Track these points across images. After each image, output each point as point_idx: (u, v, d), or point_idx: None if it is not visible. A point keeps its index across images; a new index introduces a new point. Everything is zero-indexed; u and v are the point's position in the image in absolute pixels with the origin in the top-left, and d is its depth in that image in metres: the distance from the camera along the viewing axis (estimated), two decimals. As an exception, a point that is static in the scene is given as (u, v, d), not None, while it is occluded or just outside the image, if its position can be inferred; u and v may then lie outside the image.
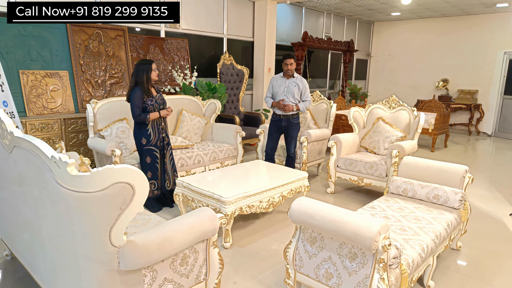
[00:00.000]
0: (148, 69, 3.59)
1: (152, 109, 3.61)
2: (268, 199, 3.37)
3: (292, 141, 4.47)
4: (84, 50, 5.07)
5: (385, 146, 4.47)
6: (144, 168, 3.71)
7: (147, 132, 3.66)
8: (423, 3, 8.25)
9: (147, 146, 3.67)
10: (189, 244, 1.88)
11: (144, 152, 3.68)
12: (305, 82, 4.41)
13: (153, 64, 3.64)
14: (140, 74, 3.58)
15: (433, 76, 10.38)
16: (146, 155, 3.69)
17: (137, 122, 3.64)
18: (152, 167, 3.72)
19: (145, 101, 3.60)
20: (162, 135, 3.79)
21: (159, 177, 3.80)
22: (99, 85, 5.21)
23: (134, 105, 3.55)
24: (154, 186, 3.78)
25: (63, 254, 1.76)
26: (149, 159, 3.70)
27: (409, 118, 4.55)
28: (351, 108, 4.85)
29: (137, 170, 1.57)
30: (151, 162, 3.71)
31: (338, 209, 2.02)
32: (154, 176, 3.75)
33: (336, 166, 4.49)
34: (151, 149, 3.69)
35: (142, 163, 3.72)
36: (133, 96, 3.56)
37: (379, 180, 4.15)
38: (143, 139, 3.66)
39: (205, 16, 6.66)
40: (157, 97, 3.72)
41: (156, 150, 3.72)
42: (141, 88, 3.58)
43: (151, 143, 3.68)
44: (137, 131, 3.69)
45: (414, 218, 2.71)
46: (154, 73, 3.64)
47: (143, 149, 3.67)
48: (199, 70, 6.61)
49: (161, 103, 3.75)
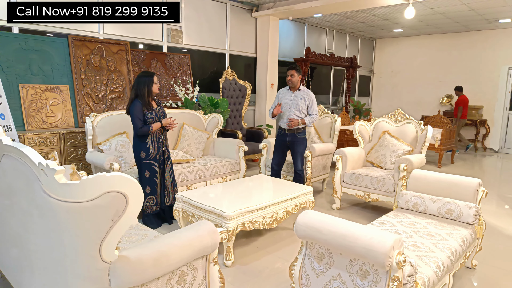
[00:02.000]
0: (150, 82, 3.52)
1: (152, 122, 3.52)
2: (272, 214, 3.23)
3: (299, 157, 4.30)
4: (86, 64, 5.03)
5: (392, 160, 4.34)
6: (143, 182, 3.59)
7: (146, 146, 3.55)
8: (425, 19, 8.27)
9: (146, 160, 3.56)
10: (187, 260, 1.75)
11: (142, 166, 3.56)
12: (312, 95, 4.29)
13: (154, 76, 3.57)
14: (141, 86, 3.51)
15: (437, 92, 10.32)
16: (145, 169, 3.57)
17: (139, 135, 3.54)
18: (150, 182, 3.60)
19: (145, 113, 3.51)
20: (162, 149, 3.68)
21: (158, 192, 3.67)
22: (100, 100, 5.15)
23: (135, 118, 3.46)
24: (153, 202, 3.64)
25: (52, 271, 1.62)
26: (148, 173, 3.59)
27: (416, 132, 4.44)
28: (356, 122, 4.74)
29: (130, 179, 1.46)
30: (150, 177, 3.59)
31: (347, 222, 1.88)
32: (153, 191, 3.63)
33: (341, 181, 4.35)
34: (150, 163, 3.57)
35: (140, 177, 3.60)
36: (133, 109, 3.47)
37: (386, 195, 4.00)
38: (142, 152, 3.55)
39: (208, 32, 6.67)
40: (157, 110, 3.63)
41: (155, 164, 3.61)
42: (141, 100, 3.50)
43: (150, 157, 3.57)
44: (136, 144, 3.59)
45: (426, 234, 2.56)
46: (155, 86, 3.57)
47: (141, 163, 3.56)
48: (202, 85, 6.57)
49: (162, 116, 3.66)
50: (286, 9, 6.81)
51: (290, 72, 4.21)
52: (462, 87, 8.63)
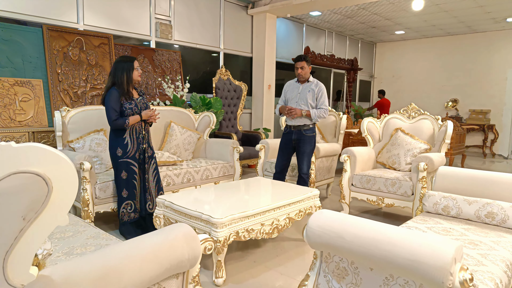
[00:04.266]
0: (129, 68, 3.02)
1: (131, 114, 3.01)
2: (272, 221, 2.68)
3: (304, 158, 3.74)
4: (63, 57, 4.53)
5: (406, 160, 3.82)
6: (119, 185, 3.05)
7: (123, 142, 3.02)
8: (430, 18, 7.89)
9: (123, 158, 3.02)
10: (153, 279, 1.20)
11: (119, 165, 3.03)
12: (322, 86, 3.75)
13: (135, 61, 3.08)
14: (118, 73, 3.00)
15: (441, 97, 9.89)
16: (122, 169, 3.03)
17: (113, 128, 3.02)
18: (128, 184, 3.06)
19: (122, 104, 3.00)
20: (143, 146, 3.15)
21: (137, 196, 3.13)
22: (79, 97, 4.62)
23: (110, 108, 2.94)
24: (131, 208, 3.09)
25: None
26: (125, 174, 3.05)
27: (433, 128, 3.94)
28: (364, 119, 4.24)
29: (55, 153, 0.92)
30: (127, 178, 3.05)
31: (380, 224, 1.35)
32: (130, 195, 3.08)
33: (350, 185, 3.82)
34: (127, 162, 3.04)
35: (116, 178, 3.06)
36: (108, 98, 2.96)
37: (403, 199, 3.46)
38: (119, 149, 3.02)
39: (200, 29, 6.20)
40: (138, 100, 3.12)
41: (133, 164, 3.07)
42: (119, 89, 2.99)
43: (128, 155, 3.04)
44: (112, 140, 3.06)
45: (469, 243, 2.02)
46: (136, 73, 3.06)
47: (118, 161, 3.02)
48: (194, 85, 6.07)
49: (143, 108, 3.14)
50: (283, 5, 6.38)
51: (299, 64, 3.67)
52: (384, 91, 8.79)
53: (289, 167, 3.95)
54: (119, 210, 3.08)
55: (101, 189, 3.13)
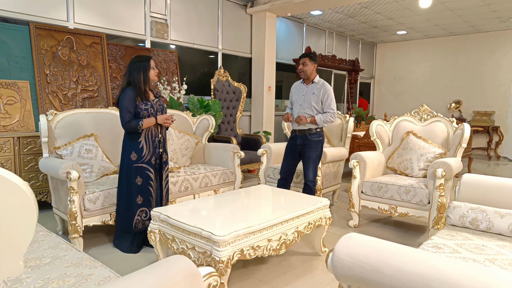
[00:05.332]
0: (146, 67, 2.83)
1: (146, 116, 2.81)
2: (280, 236, 2.42)
3: (310, 164, 3.47)
4: (52, 57, 4.25)
5: (420, 165, 3.57)
6: (132, 191, 2.84)
7: (138, 145, 2.82)
8: (434, 18, 7.67)
9: (138, 163, 2.82)
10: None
11: (133, 170, 2.82)
12: (328, 88, 3.48)
13: (151, 60, 2.88)
14: (135, 73, 2.81)
15: (444, 98, 9.67)
16: (137, 175, 2.83)
17: (126, 130, 2.83)
18: (143, 191, 2.86)
19: (138, 105, 2.80)
20: (159, 150, 2.93)
21: (152, 203, 2.92)
22: (69, 99, 4.34)
23: (124, 109, 2.75)
24: (146, 215, 2.91)
25: None
26: (140, 180, 2.84)
27: (447, 131, 3.69)
28: (373, 122, 3.99)
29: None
30: (143, 184, 2.85)
31: (430, 256, 1.09)
32: (146, 202, 2.88)
33: (360, 192, 3.56)
34: (143, 168, 2.84)
35: (130, 185, 2.84)
36: (122, 98, 2.77)
37: (419, 208, 3.21)
38: (133, 154, 2.82)
39: (197, 28, 5.95)
40: (154, 102, 2.91)
41: (149, 169, 2.86)
42: (134, 89, 2.80)
43: (143, 160, 2.83)
44: (126, 144, 2.86)
45: (509, 264, 1.76)
46: (153, 72, 2.88)
47: (132, 166, 2.82)
48: (191, 87, 5.81)
49: (160, 110, 2.94)
50: (284, 3, 6.14)
51: (302, 60, 3.45)
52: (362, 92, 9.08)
53: (294, 173, 3.69)
54: (131, 218, 2.85)
55: (91, 200, 2.85)
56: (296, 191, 3.89)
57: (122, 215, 2.90)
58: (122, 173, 2.89)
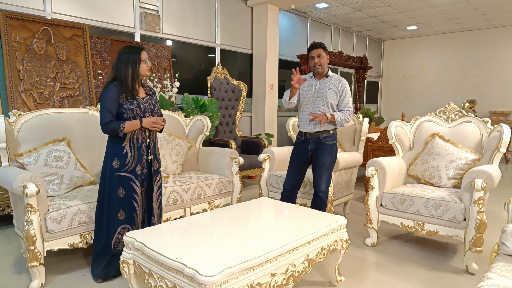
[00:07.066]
0: (135, 60, 2.36)
1: (131, 117, 2.35)
2: (286, 268, 1.90)
3: (324, 172, 2.94)
4: (25, 51, 3.75)
5: (449, 174, 3.04)
6: (113, 205, 2.36)
7: (122, 151, 2.35)
8: (448, 10, 7.14)
9: (121, 171, 2.35)
10: None
11: (114, 180, 2.35)
12: (345, 83, 2.97)
13: (143, 52, 2.41)
14: (122, 66, 2.34)
15: (456, 97, 9.12)
16: (118, 185, 2.35)
17: (106, 133, 2.37)
18: (126, 204, 2.38)
19: (121, 104, 2.33)
20: (147, 158, 2.45)
21: (137, 221, 2.43)
22: (45, 98, 3.84)
23: (104, 108, 2.30)
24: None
25: None
26: (123, 191, 2.37)
27: (480, 133, 3.17)
28: (392, 123, 3.47)
29: None
30: (125, 197, 2.37)
31: None
32: (128, 218, 2.40)
33: (379, 206, 3.04)
34: (125, 177, 2.37)
35: (111, 198, 2.36)
36: (104, 96, 2.32)
37: (452, 226, 2.68)
38: (116, 160, 2.36)
39: (193, 21, 5.44)
40: (144, 100, 2.43)
41: (133, 179, 2.39)
42: (120, 85, 2.33)
43: (126, 168, 2.36)
44: (109, 149, 2.41)
45: None
46: (144, 66, 2.41)
47: (113, 175, 2.35)
48: (186, 85, 5.31)
49: (150, 110, 2.46)
50: (287, -6, 5.63)
51: (316, 52, 2.90)
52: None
53: (301, 183, 3.16)
54: (111, 236, 2.37)
55: (55, 219, 2.33)
56: (303, 202, 3.38)
57: (101, 233, 2.40)
58: (103, 183, 2.40)
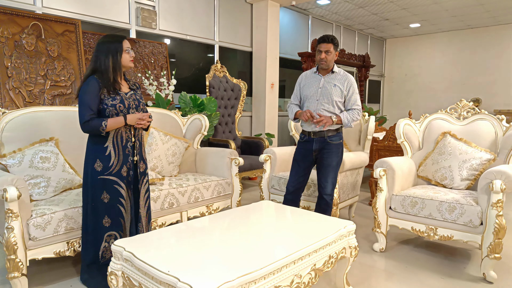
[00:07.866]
0: (116, 50, 2.16)
1: (114, 114, 2.14)
2: (291, 280, 1.72)
3: (329, 173, 2.76)
4: (14, 47, 3.58)
5: (462, 175, 2.86)
6: (97, 211, 2.18)
7: (104, 152, 2.16)
8: (452, 7, 6.97)
9: (104, 174, 2.16)
10: None
11: (97, 184, 2.16)
12: (352, 80, 2.78)
13: (124, 41, 2.20)
14: (102, 57, 2.14)
15: (460, 96, 8.91)
16: (102, 190, 2.17)
17: (86, 132, 2.16)
18: (111, 210, 2.19)
19: (103, 99, 2.12)
20: (133, 159, 2.26)
21: (125, 228, 2.25)
22: (36, 97, 3.66)
23: (83, 105, 2.09)
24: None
25: None
26: (107, 196, 2.18)
27: (495, 131, 2.98)
28: (400, 121, 3.29)
29: None
30: (110, 202, 2.18)
31: None
32: (115, 225, 2.22)
33: (388, 209, 2.85)
34: (110, 181, 2.17)
35: (95, 203, 2.17)
36: (83, 91, 2.10)
37: (467, 231, 2.50)
38: (98, 162, 2.16)
39: (191, 17, 5.26)
40: (127, 96, 2.23)
41: (118, 183, 2.19)
42: (100, 78, 2.12)
43: (110, 171, 2.17)
44: (89, 150, 2.21)
45: None
46: (126, 56, 2.20)
47: (97, 179, 2.15)
48: (183, 83, 5.14)
49: (135, 106, 2.25)
50: (288, -11, 5.46)
51: (325, 47, 2.67)
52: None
53: (305, 186, 2.98)
54: (98, 245, 2.20)
55: (38, 225, 2.15)
56: (307, 205, 3.20)
57: (87, 242, 2.22)
58: (86, 188, 2.21)
